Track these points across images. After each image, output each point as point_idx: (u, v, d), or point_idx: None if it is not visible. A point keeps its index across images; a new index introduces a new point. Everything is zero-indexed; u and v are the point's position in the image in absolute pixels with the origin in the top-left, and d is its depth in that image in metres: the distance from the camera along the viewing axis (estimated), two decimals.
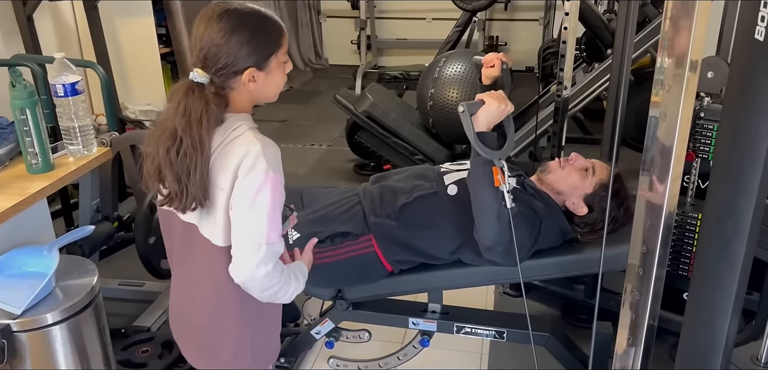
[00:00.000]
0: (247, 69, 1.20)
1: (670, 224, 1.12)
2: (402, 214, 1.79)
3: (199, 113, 1.17)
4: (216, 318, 1.36)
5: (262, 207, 1.18)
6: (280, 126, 5.12)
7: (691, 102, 1.04)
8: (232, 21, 1.18)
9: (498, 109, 1.61)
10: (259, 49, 1.20)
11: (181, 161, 1.18)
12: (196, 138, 1.17)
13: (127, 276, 2.72)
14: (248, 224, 1.19)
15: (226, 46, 1.17)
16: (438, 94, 3.31)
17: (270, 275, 1.21)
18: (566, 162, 1.87)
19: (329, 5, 6.96)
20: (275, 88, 1.27)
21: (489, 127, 1.62)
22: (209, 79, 1.20)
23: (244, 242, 1.19)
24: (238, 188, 1.19)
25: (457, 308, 2.03)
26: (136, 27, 4.23)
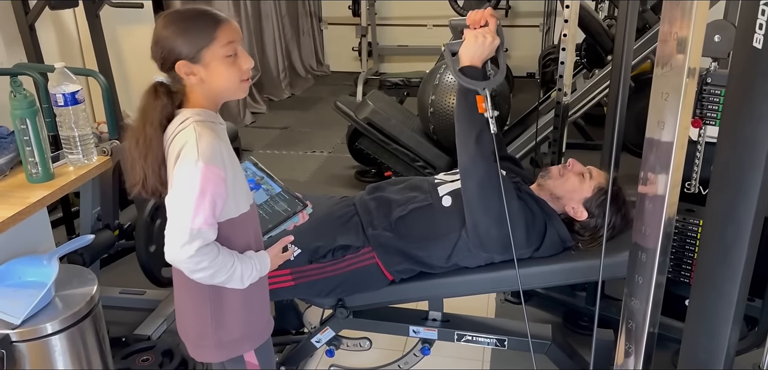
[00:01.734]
0: (178, 61, 1.25)
1: (670, 232, 1.12)
2: (397, 226, 1.79)
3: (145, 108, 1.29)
4: (179, 301, 1.46)
5: (189, 192, 1.22)
6: (281, 133, 5.12)
7: (689, 109, 1.04)
8: (168, 18, 1.27)
9: (477, 43, 1.59)
10: (189, 42, 1.24)
11: (140, 152, 1.29)
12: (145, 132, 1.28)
13: (128, 284, 2.72)
14: (175, 207, 1.24)
15: (161, 41, 1.25)
16: (439, 101, 3.31)
17: (195, 259, 1.24)
18: (565, 168, 1.87)
19: (330, 12, 6.97)
20: (222, 81, 1.28)
21: (473, 62, 1.60)
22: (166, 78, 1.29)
23: (170, 225, 1.24)
24: (173, 175, 1.26)
25: (457, 316, 2.02)
26: (137, 35, 4.24)
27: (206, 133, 1.25)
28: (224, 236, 1.32)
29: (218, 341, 1.42)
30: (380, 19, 6.66)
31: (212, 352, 1.45)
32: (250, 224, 1.40)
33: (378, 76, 6.26)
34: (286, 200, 1.55)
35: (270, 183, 1.59)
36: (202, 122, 1.27)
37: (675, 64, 1.01)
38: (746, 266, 1.12)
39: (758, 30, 1.00)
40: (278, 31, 6.17)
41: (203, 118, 1.28)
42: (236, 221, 1.35)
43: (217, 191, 1.24)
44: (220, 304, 1.39)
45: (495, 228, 1.65)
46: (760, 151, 1.04)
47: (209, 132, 1.25)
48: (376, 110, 3.48)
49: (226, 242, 1.32)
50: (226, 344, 1.44)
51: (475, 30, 1.62)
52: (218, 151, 1.25)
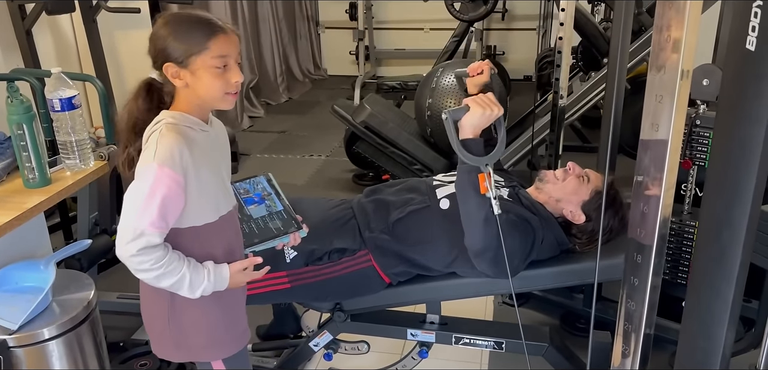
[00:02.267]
0: (167, 62, 1.26)
1: (665, 234, 1.12)
2: (395, 228, 1.79)
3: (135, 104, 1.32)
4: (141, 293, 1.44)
5: (140, 191, 1.22)
6: (278, 137, 5.12)
7: (683, 111, 1.04)
8: (167, 18, 1.29)
9: (483, 114, 1.58)
10: (180, 46, 1.25)
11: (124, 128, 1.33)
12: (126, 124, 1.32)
13: (125, 289, 2.70)
14: (126, 203, 1.24)
15: (156, 39, 1.27)
16: (435, 104, 3.31)
17: (137, 258, 1.23)
18: (564, 172, 1.87)
19: (327, 16, 6.98)
20: (208, 90, 1.28)
21: (475, 133, 1.60)
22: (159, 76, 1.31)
23: (121, 221, 1.25)
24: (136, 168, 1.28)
25: (455, 318, 2.03)
26: (135, 40, 4.23)
27: (171, 136, 1.24)
28: (184, 244, 1.30)
29: (176, 342, 1.41)
30: (377, 23, 6.67)
31: (170, 351, 1.44)
32: (220, 236, 1.37)
33: (375, 79, 6.26)
34: (283, 220, 1.54)
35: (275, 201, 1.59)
36: (173, 125, 1.26)
37: (669, 66, 1.02)
38: (741, 267, 1.13)
39: (751, 32, 1.01)
40: (275, 35, 6.17)
41: (177, 122, 1.28)
42: (200, 230, 1.33)
43: (169, 195, 1.23)
44: (175, 308, 1.37)
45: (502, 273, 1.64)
46: (754, 153, 1.05)
47: (174, 135, 1.24)
48: (373, 114, 3.49)
49: (186, 250, 1.30)
50: (185, 347, 1.42)
51: (479, 98, 1.61)
52: (177, 155, 1.24)
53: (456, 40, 4.63)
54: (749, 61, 1.01)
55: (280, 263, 1.77)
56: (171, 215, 1.25)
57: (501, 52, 6.47)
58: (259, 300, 1.77)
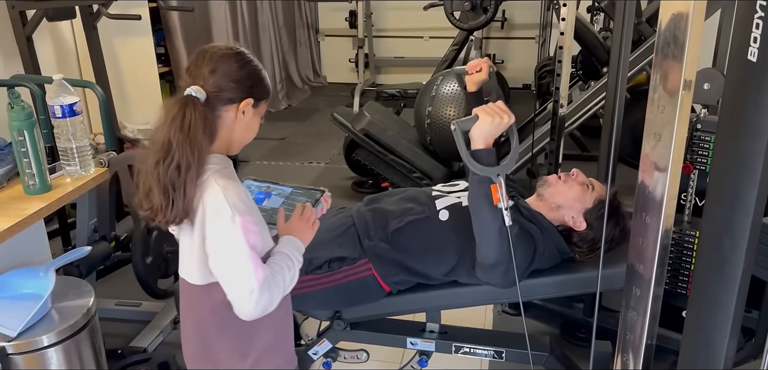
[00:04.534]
0: (247, 98, 1.26)
1: (667, 244, 1.12)
2: (394, 238, 1.78)
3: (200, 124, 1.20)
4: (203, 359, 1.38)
5: (239, 253, 1.20)
6: (278, 144, 5.13)
7: (685, 121, 1.04)
8: (248, 56, 1.29)
9: (493, 123, 1.55)
10: (260, 87, 1.30)
11: (171, 174, 1.19)
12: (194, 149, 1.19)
13: (124, 296, 2.71)
14: (231, 273, 1.22)
15: (241, 70, 1.25)
16: (435, 112, 3.32)
17: (270, 299, 1.23)
18: (568, 177, 1.86)
19: (327, 24, 7.00)
20: (250, 135, 1.33)
21: (487, 143, 1.57)
22: (205, 97, 1.23)
23: (236, 292, 1.22)
24: (209, 237, 1.22)
25: (455, 327, 2.02)
26: (135, 46, 4.25)
27: (229, 184, 1.23)
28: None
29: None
30: (377, 31, 6.68)
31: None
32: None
33: (375, 87, 6.28)
34: (304, 192, 1.55)
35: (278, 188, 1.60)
36: (219, 171, 1.25)
37: (671, 76, 1.02)
38: (743, 277, 1.12)
39: (752, 43, 1.01)
40: (275, 43, 6.19)
41: (219, 167, 1.26)
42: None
43: (256, 238, 1.24)
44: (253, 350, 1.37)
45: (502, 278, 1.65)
46: (755, 164, 1.05)
47: (231, 182, 1.25)
48: (373, 121, 3.49)
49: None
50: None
51: (488, 107, 1.58)
52: (246, 199, 1.26)
53: (455, 49, 4.64)
54: (751, 71, 1.02)
55: None
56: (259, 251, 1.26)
57: (500, 61, 6.49)
58: None
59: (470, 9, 3.79)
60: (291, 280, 1.30)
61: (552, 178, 1.89)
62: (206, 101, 1.23)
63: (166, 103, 1.24)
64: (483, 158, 1.56)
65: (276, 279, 1.25)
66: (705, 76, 1.96)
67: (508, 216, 1.55)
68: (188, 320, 1.40)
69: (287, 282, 1.29)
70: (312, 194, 1.54)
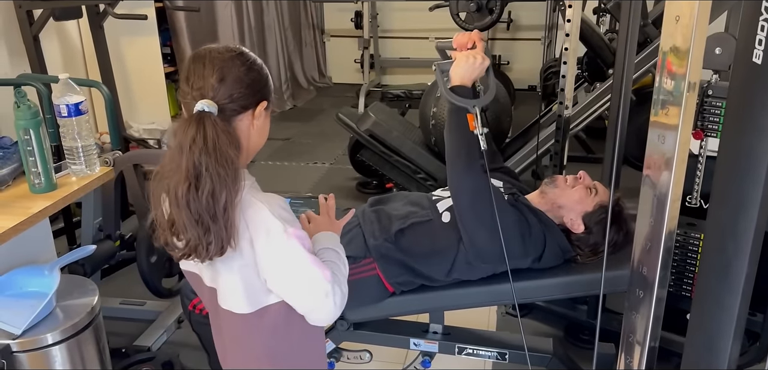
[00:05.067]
0: (261, 101, 1.19)
1: (670, 247, 1.12)
2: (397, 239, 1.79)
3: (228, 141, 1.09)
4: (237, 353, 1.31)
5: (303, 263, 1.15)
6: (283, 144, 5.13)
7: (689, 124, 1.04)
8: (249, 57, 1.19)
9: (468, 63, 1.60)
10: (268, 86, 1.22)
11: (207, 203, 1.07)
12: (227, 168, 1.08)
13: (128, 295, 2.72)
14: (301, 285, 1.18)
15: (247, 74, 1.15)
16: (440, 113, 3.31)
17: (342, 294, 1.21)
18: (575, 179, 1.86)
19: (333, 25, 7.01)
20: (264, 138, 1.25)
21: (464, 82, 1.62)
22: (217, 110, 1.12)
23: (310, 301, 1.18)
24: (265, 258, 1.16)
25: (458, 328, 2.02)
26: (141, 46, 4.27)
27: (268, 198, 1.18)
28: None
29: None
30: (382, 32, 6.69)
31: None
32: None
33: (380, 88, 6.28)
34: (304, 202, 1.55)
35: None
36: (252, 188, 1.18)
37: (675, 78, 1.02)
38: (747, 280, 1.12)
39: (758, 45, 1.01)
40: (281, 43, 6.20)
41: (250, 183, 1.18)
42: None
43: (309, 243, 1.20)
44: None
45: (490, 240, 1.64)
46: (760, 166, 1.04)
47: (268, 195, 1.19)
48: (377, 122, 3.49)
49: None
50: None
51: (465, 52, 1.65)
52: (287, 207, 1.20)
53: None
54: (756, 74, 1.01)
55: None
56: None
57: (506, 62, 6.48)
58: None
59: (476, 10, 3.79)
60: (346, 269, 1.30)
61: (560, 179, 1.89)
62: (220, 114, 1.12)
63: (177, 126, 1.11)
64: (461, 92, 1.62)
65: (337, 275, 1.22)
66: (716, 41, 1.92)
67: (483, 141, 1.60)
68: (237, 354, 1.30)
69: (344, 271, 1.28)
70: (312, 202, 1.53)
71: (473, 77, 1.65)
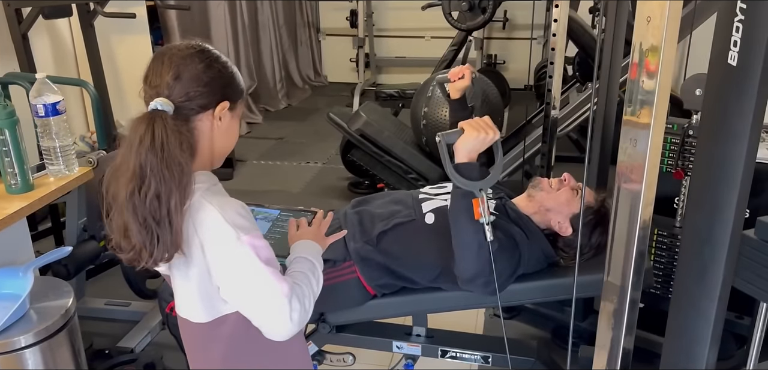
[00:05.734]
0: (222, 101, 1.13)
1: (643, 251, 1.10)
2: (380, 241, 1.76)
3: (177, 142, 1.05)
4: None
5: (255, 272, 1.09)
6: (276, 143, 5.11)
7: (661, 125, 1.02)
8: (213, 54, 1.15)
9: (478, 138, 1.51)
10: (233, 85, 1.17)
11: (151, 205, 1.04)
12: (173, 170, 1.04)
13: (113, 296, 2.70)
14: (253, 297, 1.11)
15: (207, 71, 1.11)
16: (431, 114, 3.29)
17: (303, 310, 1.13)
18: (560, 182, 1.85)
19: (328, 23, 6.98)
20: (232, 141, 1.20)
21: (471, 157, 1.53)
22: (173, 109, 1.08)
23: (263, 315, 1.12)
24: (216, 265, 1.11)
25: (442, 331, 2.00)
26: (132, 44, 4.24)
27: (224, 202, 1.12)
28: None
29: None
30: (378, 31, 6.66)
31: None
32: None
33: (375, 87, 6.26)
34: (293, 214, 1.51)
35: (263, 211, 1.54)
36: (208, 190, 1.12)
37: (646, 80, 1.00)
38: (724, 285, 1.10)
39: (733, 47, 0.99)
40: (276, 41, 6.17)
41: (207, 185, 1.13)
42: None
43: (268, 253, 1.13)
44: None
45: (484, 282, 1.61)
46: (735, 170, 1.03)
47: (225, 199, 1.13)
48: (368, 122, 3.47)
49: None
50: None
51: (474, 122, 1.54)
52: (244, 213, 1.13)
53: (454, 49, 4.61)
54: (731, 76, 1.00)
55: None
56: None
57: (501, 61, 6.45)
58: None
59: (468, 9, 3.77)
60: (318, 284, 1.22)
61: (545, 182, 1.87)
62: (176, 113, 1.08)
63: (131, 122, 1.09)
64: (466, 172, 1.52)
65: (302, 287, 1.15)
66: (697, 81, 1.94)
67: (490, 231, 1.52)
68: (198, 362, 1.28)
69: (315, 287, 1.20)
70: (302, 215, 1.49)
71: (480, 151, 1.55)
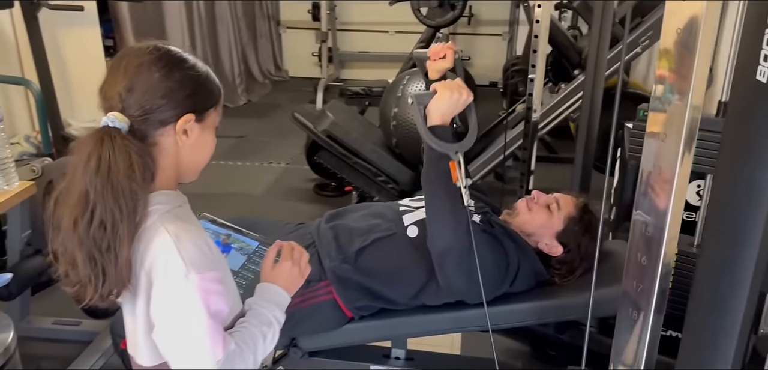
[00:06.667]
0: (184, 114, 1.00)
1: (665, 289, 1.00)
2: (358, 258, 1.63)
3: (126, 164, 0.93)
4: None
5: (193, 322, 0.96)
6: (236, 142, 4.90)
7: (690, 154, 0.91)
8: (171, 59, 1.01)
9: (451, 98, 1.44)
10: (202, 93, 1.03)
11: (95, 234, 0.94)
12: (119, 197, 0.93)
13: (62, 314, 2.49)
14: (181, 349, 0.98)
15: (165, 80, 0.98)
16: (402, 114, 3.17)
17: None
18: (531, 202, 1.74)
19: (289, 16, 6.77)
20: (205, 154, 1.08)
21: (444, 120, 1.45)
22: (129, 126, 0.97)
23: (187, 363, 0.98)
24: (156, 301, 0.98)
25: (421, 352, 1.89)
26: (81, 38, 4.00)
27: (182, 231, 0.99)
28: None
29: None
30: (341, 24, 6.51)
31: None
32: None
33: (339, 82, 6.11)
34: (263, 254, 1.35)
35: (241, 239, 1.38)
36: (169, 214, 1.01)
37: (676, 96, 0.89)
38: (744, 320, 1.01)
39: (762, 61, 0.89)
40: (234, 35, 5.95)
41: (169, 208, 1.02)
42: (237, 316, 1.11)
43: (220, 299, 1.00)
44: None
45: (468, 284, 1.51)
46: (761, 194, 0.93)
47: (185, 226, 1.00)
48: (336, 123, 3.32)
49: None
50: None
51: (448, 83, 1.48)
52: (206, 249, 1.01)
53: (422, 46, 4.49)
54: (760, 93, 0.89)
55: None
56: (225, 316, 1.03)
57: (467, 57, 6.38)
58: None
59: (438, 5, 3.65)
60: (271, 343, 1.09)
61: (521, 206, 1.76)
62: (133, 130, 0.97)
63: (77, 142, 0.98)
64: (440, 135, 1.45)
65: (244, 354, 1.02)
66: None
67: (467, 195, 1.44)
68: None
69: (258, 355, 1.06)
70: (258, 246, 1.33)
71: (453, 114, 1.48)
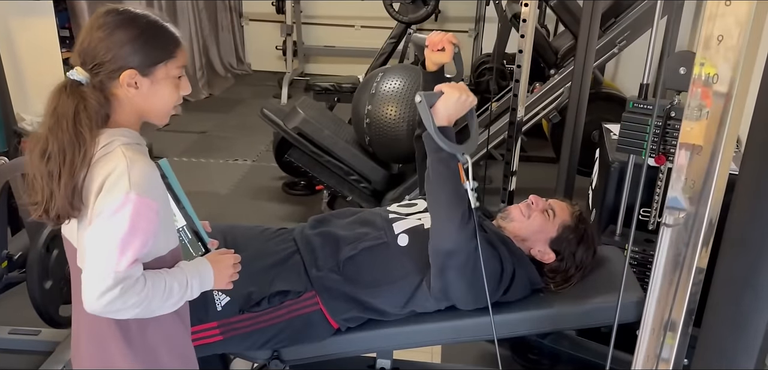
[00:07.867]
0: (127, 70, 1.10)
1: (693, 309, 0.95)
2: (346, 267, 1.56)
3: (71, 110, 1.08)
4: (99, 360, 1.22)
5: (115, 230, 1.06)
6: (198, 138, 4.74)
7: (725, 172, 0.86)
8: (119, 18, 1.12)
9: (458, 100, 1.45)
10: (144, 50, 1.12)
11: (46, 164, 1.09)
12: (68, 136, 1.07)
13: (19, 322, 2.32)
14: (97, 247, 1.07)
15: (107, 39, 1.10)
16: (375, 112, 3.09)
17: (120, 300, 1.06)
18: (528, 208, 1.70)
19: (252, 8, 6.61)
20: (163, 104, 1.17)
21: (449, 121, 1.46)
22: (88, 79, 1.10)
23: (91, 269, 1.07)
24: (95, 208, 1.08)
25: (408, 362, 1.83)
26: (35, 28, 3.79)
27: (138, 159, 1.10)
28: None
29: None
30: (306, 18, 6.38)
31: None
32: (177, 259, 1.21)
33: (303, 77, 5.99)
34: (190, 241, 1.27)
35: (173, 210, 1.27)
36: (130, 145, 1.12)
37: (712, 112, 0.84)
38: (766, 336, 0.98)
39: None
40: (195, 26, 5.76)
41: (130, 141, 1.13)
42: (166, 259, 1.17)
43: (149, 228, 1.09)
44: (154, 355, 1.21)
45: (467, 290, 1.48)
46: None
47: (141, 158, 1.11)
48: (307, 120, 3.21)
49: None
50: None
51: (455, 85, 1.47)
52: (155, 180, 1.12)
53: (393, 42, 4.41)
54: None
55: (209, 311, 1.50)
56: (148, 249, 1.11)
57: None
58: None
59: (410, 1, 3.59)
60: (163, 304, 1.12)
61: (515, 211, 1.72)
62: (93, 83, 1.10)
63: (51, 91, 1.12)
64: (446, 135, 1.44)
65: (144, 289, 1.08)
66: (680, 60, 1.80)
67: (474, 198, 1.44)
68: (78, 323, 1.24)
69: (156, 302, 1.11)
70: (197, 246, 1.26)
71: (458, 117, 1.48)
